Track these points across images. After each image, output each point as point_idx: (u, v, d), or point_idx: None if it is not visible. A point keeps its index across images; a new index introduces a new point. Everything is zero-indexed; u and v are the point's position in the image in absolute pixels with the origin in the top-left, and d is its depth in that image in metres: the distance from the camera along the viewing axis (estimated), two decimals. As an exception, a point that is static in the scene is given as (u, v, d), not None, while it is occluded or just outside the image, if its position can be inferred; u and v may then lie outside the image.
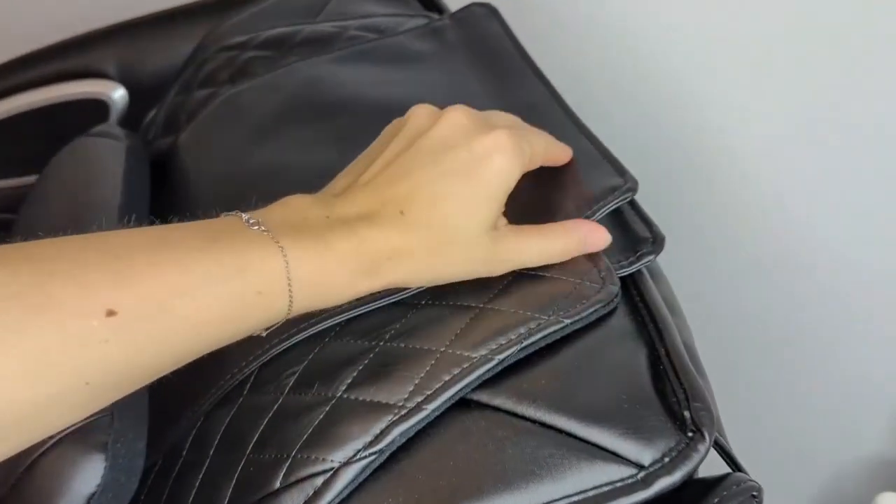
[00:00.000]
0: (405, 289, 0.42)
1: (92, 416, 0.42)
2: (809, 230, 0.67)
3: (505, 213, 0.43)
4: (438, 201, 0.39)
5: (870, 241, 0.65)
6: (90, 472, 0.41)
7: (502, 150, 0.40)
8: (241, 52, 0.68)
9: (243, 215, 0.38)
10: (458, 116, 0.42)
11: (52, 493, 0.40)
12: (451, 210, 0.39)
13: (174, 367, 0.36)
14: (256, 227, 0.37)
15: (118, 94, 0.78)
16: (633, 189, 0.46)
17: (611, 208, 0.45)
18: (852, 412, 0.77)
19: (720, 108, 0.65)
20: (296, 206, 0.40)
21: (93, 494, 0.40)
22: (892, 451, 0.78)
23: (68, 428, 0.42)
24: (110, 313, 0.31)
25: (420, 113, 0.43)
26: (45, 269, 0.31)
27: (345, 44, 0.65)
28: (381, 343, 0.41)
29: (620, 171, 0.47)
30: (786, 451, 0.84)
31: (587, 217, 0.44)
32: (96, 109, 0.78)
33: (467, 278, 0.42)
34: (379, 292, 0.41)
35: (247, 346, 0.44)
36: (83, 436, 0.41)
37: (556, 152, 0.46)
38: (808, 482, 0.85)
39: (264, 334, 0.39)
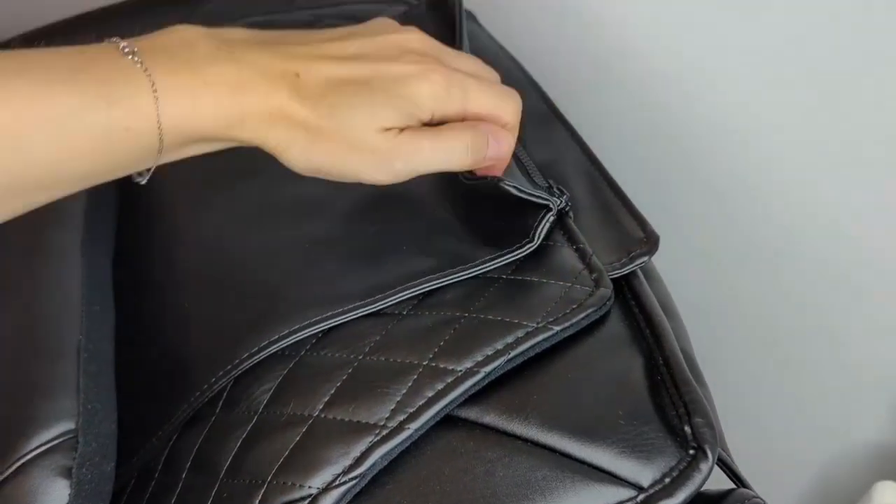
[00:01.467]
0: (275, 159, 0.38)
1: (56, 437, 0.40)
2: (800, 219, 0.65)
3: None
4: (342, 88, 0.37)
5: (867, 229, 0.64)
6: (53, 501, 0.38)
7: (425, 79, 0.38)
8: (212, 44, 0.65)
9: (121, 43, 0.35)
10: (413, 38, 0.41)
11: (13, 527, 0.37)
12: (348, 101, 0.37)
13: (43, 195, 0.34)
14: (131, 58, 0.34)
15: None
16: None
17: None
18: (850, 400, 0.76)
19: (711, 100, 0.63)
20: (183, 36, 0.37)
21: None
22: (891, 439, 0.76)
23: (29, 452, 0.39)
24: None
25: (383, 20, 0.42)
26: None
27: (319, 34, 0.62)
28: (360, 357, 0.39)
29: None
30: (782, 439, 0.82)
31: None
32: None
33: (352, 177, 0.39)
34: None
35: (217, 359, 0.42)
36: (45, 461, 0.39)
37: (500, 115, 0.41)
38: (804, 471, 0.83)
39: (141, 181, 0.37)
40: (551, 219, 0.41)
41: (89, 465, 0.39)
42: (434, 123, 0.40)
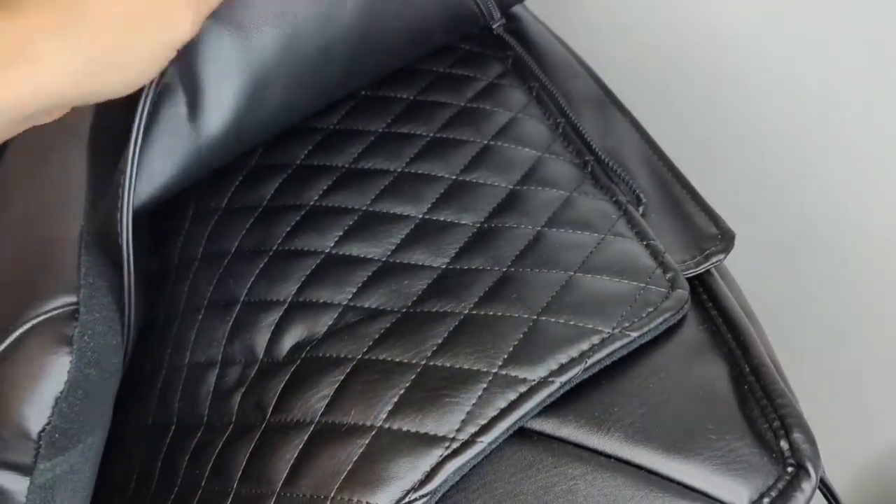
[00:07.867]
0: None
1: (56, 307, 0.38)
2: (848, 208, 0.63)
3: None
4: None
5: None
6: (54, 370, 0.36)
7: None
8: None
9: None
10: None
11: (14, 398, 0.35)
12: None
13: None
14: None
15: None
16: None
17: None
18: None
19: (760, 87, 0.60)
20: None
21: (60, 393, 0.36)
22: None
23: (28, 320, 0.37)
24: None
25: None
26: None
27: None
28: (423, 361, 0.36)
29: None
30: (837, 430, 0.80)
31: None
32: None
33: None
34: None
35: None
36: (45, 331, 0.37)
37: None
38: (859, 463, 0.81)
39: None
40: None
41: (91, 333, 0.38)
42: None
